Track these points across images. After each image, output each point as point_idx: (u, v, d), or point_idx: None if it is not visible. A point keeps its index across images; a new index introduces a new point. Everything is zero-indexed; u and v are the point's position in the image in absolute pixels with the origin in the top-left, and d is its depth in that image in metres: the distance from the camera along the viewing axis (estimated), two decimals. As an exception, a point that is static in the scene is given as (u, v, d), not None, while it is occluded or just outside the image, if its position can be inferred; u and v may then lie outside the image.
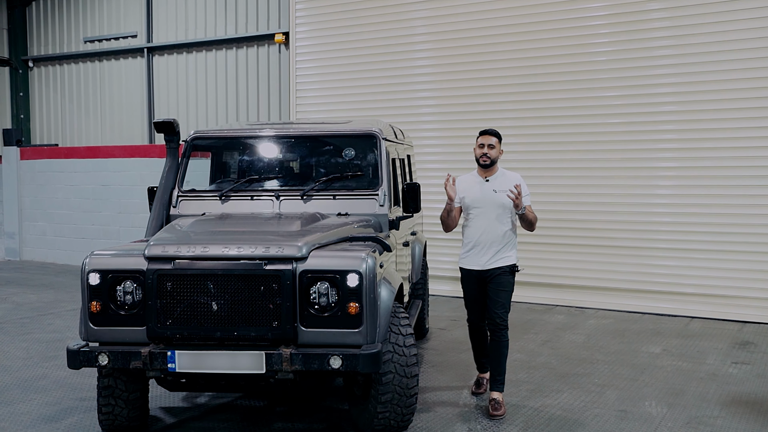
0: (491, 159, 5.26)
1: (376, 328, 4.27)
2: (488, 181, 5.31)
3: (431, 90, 10.22)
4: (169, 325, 4.23)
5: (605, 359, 6.67)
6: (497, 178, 5.31)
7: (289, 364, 4.12)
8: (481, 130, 5.37)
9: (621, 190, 8.93)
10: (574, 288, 9.20)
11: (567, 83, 9.17)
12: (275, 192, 5.46)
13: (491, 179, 5.31)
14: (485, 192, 5.27)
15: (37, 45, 14.11)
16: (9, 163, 13.86)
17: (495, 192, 5.24)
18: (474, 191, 5.32)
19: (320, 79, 10.94)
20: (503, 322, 5.20)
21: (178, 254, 4.28)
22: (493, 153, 5.26)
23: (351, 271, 4.21)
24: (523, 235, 9.34)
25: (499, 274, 5.23)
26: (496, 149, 5.27)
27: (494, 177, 5.32)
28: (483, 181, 5.32)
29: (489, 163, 5.26)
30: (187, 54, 12.40)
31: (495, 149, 5.26)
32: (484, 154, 5.26)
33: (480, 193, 5.28)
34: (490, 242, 5.25)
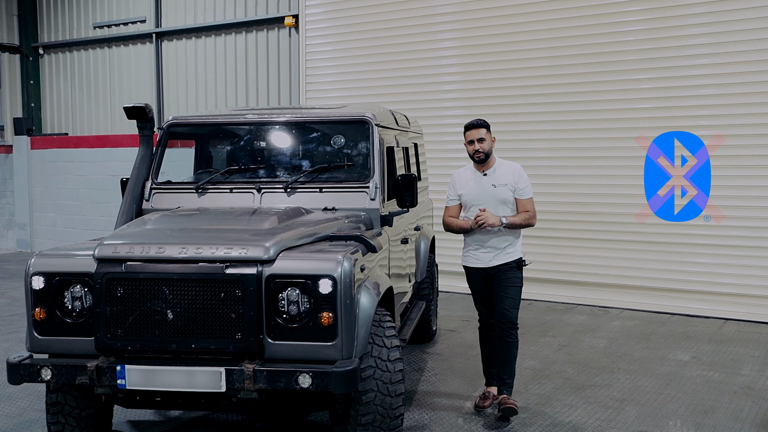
0: (485, 152, 4.88)
1: (353, 341, 3.73)
2: (486, 175, 4.94)
3: (455, 74, 9.51)
4: (119, 336, 3.74)
5: (627, 368, 6.05)
6: (495, 170, 4.95)
7: (251, 383, 3.61)
8: (465, 125, 4.97)
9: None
10: (598, 286, 8.56)
11: (596, 73, 8.47)
12: (256, 184, 4.94)
13: (489, 173, 4.94)
14: (484, 187, 4.91)
15: (48, 31, 13.79)
16: (20, 153, 13.60)
17: (494, 187, 4.89)
18: (472, 187, 4.95)
19: (332, 63, 10.40)
20: (513, 321, 4.86)
21: (130, 255, 3.78)
22: (485, 146, 4.87)
23: (323, 276, 3.67)
24: (544, 229, 8.85)
25: (506, 270, 4.88)
26: (487, 141, 4.88)
27: (492, 170, 4.95)
28: (480, 175, 4.95)
29: (484, 158, 4.89)
30: (196, 39, 11.96)
31: (486, 141, 4.87)
32: (476, 150, 4.89)
33: (478, 189, 4.92)
34: (494, 240, 4.88)
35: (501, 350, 4.90)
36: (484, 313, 5.08)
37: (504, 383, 4.90)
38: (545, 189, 8.72)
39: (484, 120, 4.95)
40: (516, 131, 8.96)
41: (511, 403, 4.78)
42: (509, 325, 4.84)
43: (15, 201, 13.80)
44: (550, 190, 8.74)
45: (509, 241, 4.89)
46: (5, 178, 14.12)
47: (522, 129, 8.97)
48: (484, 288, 4.99)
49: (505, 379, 4.89)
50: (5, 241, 14.20)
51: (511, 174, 4.91)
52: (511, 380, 4.90)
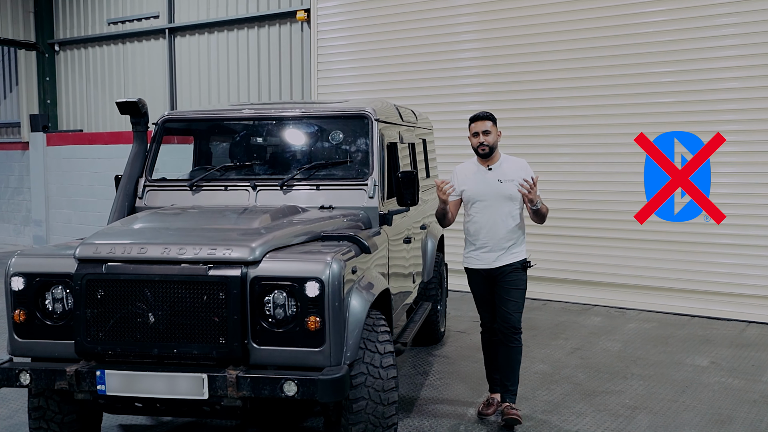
0: (490, 146, 4.63)
1: (342, 347, 3.55)
2: (491, 170, 4.68)
3: (473, 67, 9.19)
4: (100, 340, 3.59)
5: (642, 373, 5.80)
6: (500, 165, 4.70)
7: (235, 390, 3.44)
8: (470, 117, 4.73)
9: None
10: (615, 286, 8.28)
11: (618, 66, 8.17)
12: (252, 181, 4.77)
13: (494, 168, 4.68)
14: (489, 183, 4.65)
15: (63, 28, 13.77)
16: (36, 150, 13.59)
17: (500, 182, 4.62)
18: (476, 182, 4.68)
19: (344, 58, 10.20)
20: (516, 325, 4.63)
21: (111, 256, 3.63)
22: (490, 139, 4.63)
23: (310, 279, 3.49)
24: (561, 227, 8.61)
25: (510, 272, 4.65)
26: (493, 134, 4.64)
27: (497, 165, 4.69)
28: (485, 170, 4.69)
29: (488, 152, 4.64)
30: (208, 34, 11.84)
31: (491, 134, 4.63)
32: (481, 143, 4.63)
33: (483, 185, 4.66)
34: (498, 239, 4.64)
35: (504, 356, 4.68)
36: (486, 316, 4.85)
37: (507, 390, 4.69)
38: (563, 186, 8.49)
39: (490, 113, 4.71)
40: (534, 126, 8.70)
41: (514, 413, 4.57)
42: (512, 329, 4.61)
43: (31, 197, 13.82)
44: (567, 188, 8.49)
45: (514, 240, 4.65)
46: (22, 174, 14.14)
47: (540, 125, 8.70)
48: (487, 290, 4.76)
49: (509, 386, 4.68)
50: (22, 238, 14.23)
51: (518, 169, 4.65)
52: (515, 387, 4.69)
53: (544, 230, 8.56)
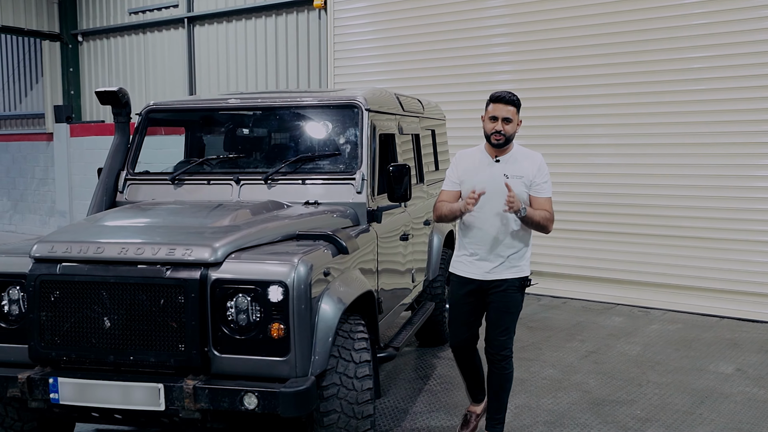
0: (506, 137, 3.87)
1: (310, 356, 3.28)
2: (498, 161, 3.94)
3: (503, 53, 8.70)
4: (55, 345, 3.38)
5: (658, 380, 5.41)
6: (510, 158, 3.96)
7: (192, 401, 3.19)
8: (492, 95, 3.93)
9: (699, 171, 7.47)
10: (640, 285, 7.85)
11: (655, 51, 7.73)
12: (235, 175, 4.52)
13: (503, 159, 3.95)
14: (494, 176, 3.89)
15: (86, 19, 13.71)
16: (60, 141, 13.60)
17: (506, 177, 3.87)
18: (478, 174, 3.92)
19: (362, 46, 9.89)
20: (508, 351, 4.00)
21: (67, 255, 3.41)
22: (509, 129, 3.86)
23: (273, 282, 3.22)
24: (583, 222, 8.20)
25: (504, 289, 3.94)
26: (514, 123, 3.87)
27: (507, 157, 3.96)
28: (491, 161, 3.95)
29: (503, 142, 3.89)
30: (226, 23, 11.64)
31: (512, 123, 3.86)
32: (498, 131, 3.85)
33: (485, 177, 3.89)
34: (497, 245, 3.93)
35: (492, 383, 4.05)
36: (463, 334, 4.07)
37: (493, 419, 4.09)
38: (587, 179, 8.10)
39: (516, 96, 3.92)
40: (560, 116, 8.27)
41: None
42: (501, 355, 3.97)
43: (56, 188, 13.85)
44: (589, 181, 8.09)
45: (517, 248, 3.94)
46: (47, 165, 14.18)
47: (565, 114, 8.26)
48: (472, 306, 4.03)
49: (495, 415, 4.08)
50: (48, 229, 14.27)
51: (529, 165, 3.93)
52: (501, 415, 4.09)
53: (565, 225, 8.21)
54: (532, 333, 6.76)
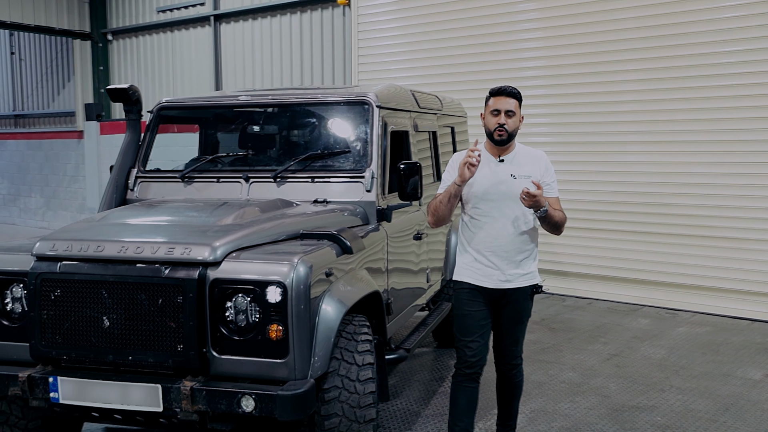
0: (509, 133, 3.59)
1: (309, 359, 3.20)
2: (503, 161, 3.67)
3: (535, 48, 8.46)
4: (55, 344, 3.35)
5: (682, 386, 5.23)
6: (515, 157, 3.69)
7: (189, 403, 3.14)
8: (492, 89, 3.68)
9: (730, 169, 7.24)
10: (667, 286, 7.64)
11: (689, 45, 7.50)
12: (244, 173, 4.47)
13: (507, 159, 3.68)
14: (499, 177, 3.63)
15: (116, 17, 13.84)
16: (90, 138, 13.77)
17: (514, 178, 3.61)
18: (482, 176, 3.62)
19: (386, 42, 9.80)
20: (519, 359, 3.90)
21: (68, 254, 3.38)
22: (512, 123, 3.59)
23: (271, 283, 3.15)
24: (608, 222, 8.00)
25: (517, 300, 3.69)
26: (516, 117, 3.61)
27: (511, 156, 3.69)
28: (495, 161, 3.68)
29: (506, 138, 3.61)
30: (252, 21, 11.64)
31: (515, 117, 3.60)
32: (501, 125, 3.57)
33: (491, 180, 3.63)
34: (507, 251, 3.64)
35: (504, 390, 3.93)
36: (471, 350, 3.66)
37: (506, 426, 3.98)
38: (612, 177, 7.90)
39: (517, 89, 3.67)
40: (591, 113, 8.09)
41: None
42: (514, 365, 3.86)
43: (86, 185, 14.01)
44: (617, 179, 7.89)
45: (527, 252, 3.69)
46: (78, 163, 14.36)
47: (596, 110, 8.08)
48: (485, 314, 3.69)
49: (507, 421, 3.97)
50: (78, 225, 14.45)
51: (536, 164, 3.70)
52: (514, 421, 3.99)
53: (592, 224, 8.04)
54: (554, 334, 6.61)
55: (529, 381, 5.27)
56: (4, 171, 16.12)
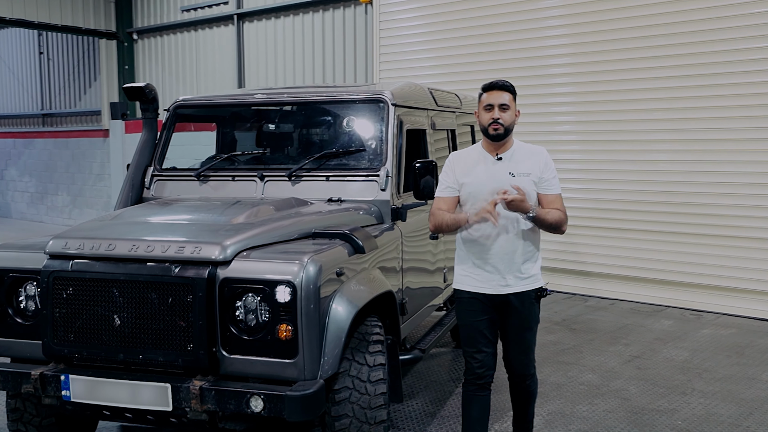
0: (505, 127, 3.44)
1: (319, 359, 3.17)
2: (500, 159, 3.50)
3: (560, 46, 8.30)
4: (68, 342, 3.36)
5: (705, 389, 5.13)
6: (513, 155, 3.52)
7: (198, 403, 3.12)
8: (484, 84, 3.55)
9: (756, 168, 7.07)
10: (692, 287, 7.50)
11: (718, 41, 7.37)
12: (259, 172, 4.45)
13: (505, 157, 3.51)
14: (498, 177, 3.45)
15: (141, 17, 13.96)
16: (115, 137, 13.90)
17: (512, 176, 3.45)
18: (479, 176, 3.48)
19: (408, 40, 9.75)
20: (532, 369, 3.70)
21: (80, 252, 3.38)
22: (507, 117, 3.44)
23: (280, 282, 3.12)
24: (632, 221, 7.87)
25: (522, 304, 3.51)
26: (511, 110, 3.46)
27: (509, 153, 3.52)
28: (492, 159, 3.50)
29: (503, 133, 3.45)
30: (275, 19, 11.66)
31: (509, 111, 3.45)
32: (495, 120, 3.43)
33: (489, 179, 3.46)
34: (509, 253, 3.48)
35: (518, 397, 3.79)
36: (477, 361, 3.54)
37: (522, 429, 3.87)
38: (635, 176, 7.79)
39: (510, 83, 3.54)
40: (613, 111, 7.96)
41: None
42: (526, 375, 3.68)
43: (112, 184, 14.15)
44: (640, 178, 7.76)
45: (528, 254, 3.51)
46: (103, 161, 14.51)
47: (621, 108, 7.95)
48: (488, 323, 3.54)
49: (522, 423, 3.85)
50: (104, 223, 14.60)
51: (535, 160, 3.51)
52: (529, 423, 3.87)
53: (615, 224, 7.92)
54: (575, 335, 6.52)
55: (548, 383, 5.21)
56: (32, 169, 16.35)
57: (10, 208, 17.06)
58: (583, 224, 8.13)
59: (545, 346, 6.15)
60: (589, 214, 8.10)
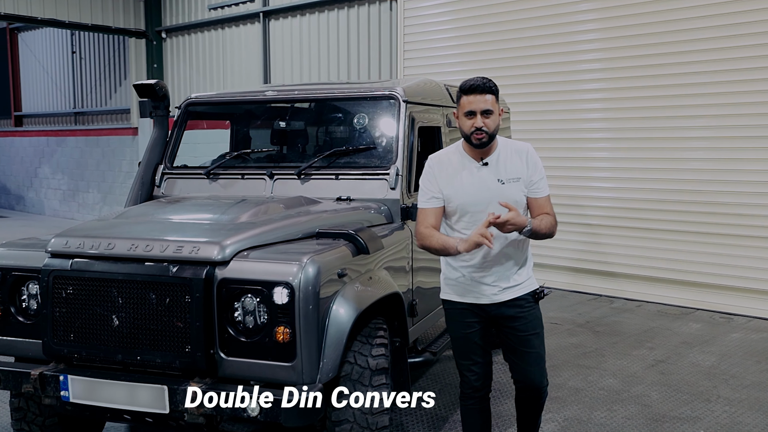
0: (489, 134, 3.13)
1: (318, 362, 3.08)
2: (486, 164, 3.21)
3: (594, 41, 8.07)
4: (67, 342, 3.33)
5: (730, 396, 4.93)
6: (499, 158, 3.22)
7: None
8: (463, 85, 3.17)
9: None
10: (722, 289, 7.26)
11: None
12: (268, 170, 4.39)
13: (491, 161, 3.21)
14: (485, 184, 3.18)
15: (170, 15, 14.03)
16: (144, 135, 14.00)
17: (501, 183, 3.17)
18: (464, 185, 3.20)
19: (432, 37, 9.62)
20: (544, 385, 3.36)
21: (80, 251, 3.35)
22: (491, 123, 3.12)
23: (278, 283, 3.04)
24: (660, 221, 7.65)
25: (520, 310, 3.26)
26: (495, 114, 3.14)
27: (494, 157, 3.21)
28: (477, 165, 3.21)
29: (487, 141, 3.15)
30: (300, 17, 11.62)
31: (493, 115, 3.13)
32: (478, 129, 3.10)
33: (475, 188, 3.18)
34: (499, 261, 3.23)
35: (526, 410, 3.51)
36: (474, 374, 3.36)
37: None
38: (665, 175, 7.56)
39: (491, 81, 3.16)
40: (644, 108, 7.72)
41: None
42: (539, 389, 3.36)
43: (141, 182, 14.25)
44: (669, 176, 7.54)
45: (521, 259, 3.29)
46: (133, 159, 14.62)
47: (651, 105, 7.72)
48: (481, 335, 3.32)
49: (529, 429, 3.59)
50: (133, 220, 14.73)
51: (521, 162, 3.22)
52: (536, 430, 3.61)
53: (642, 223, 7.71)
54: (598, 338, 6.34)
55: (566, 387, 5.07)
56: (65, 167, 16.57)
57: (43, 205, 17.32)
58: (609, 223, 7.94)
59: (566, 348, 6.00)
60: (616, 213, 7.90)
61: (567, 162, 8.27)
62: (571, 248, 8.21)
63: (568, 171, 8.25)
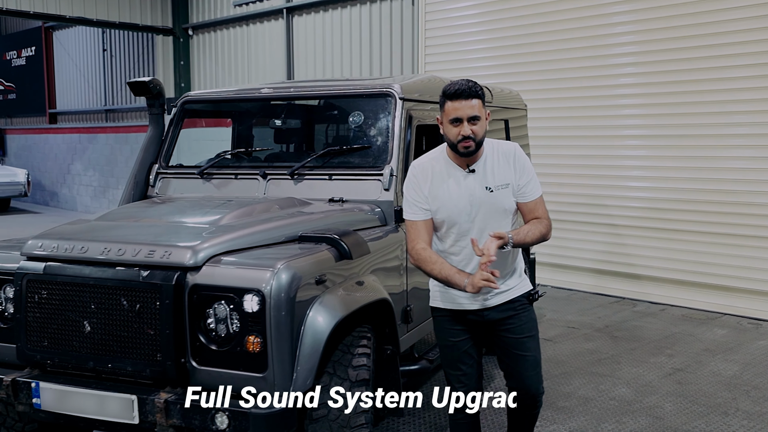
0: (477, 142, 2.98)
1: (291, 373, 2.94)
2: (473, 172, 3.05)
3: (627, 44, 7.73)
4: (41, 347, 3.24)
5: (750, 409, 4.66)
6: (486, 164, 3.06)
7: (164, 417, 2.95)
8: (447, 90, 2.99)
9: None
10: (751, 293, 6.93)
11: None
12: (261, 170, 4.26)
13: (478, 168, 3.05)
14: (473, 192, 3.04)
15: (196, 13, 14.06)
16: (171, 132, 14.03)
17: (490, 191, 3.03)
18: (451, 195, 3.05)
19: (452, 32, 9.39)
20: (540, 391, 3.20)
21: (53, 254, 3.26)
22: (478, 130, 2.96)
23: (249, 290, 2.90)
24: (685, 222, 7.33)
25: (514, 313, 3.14)
26: (482, 120, 2.98)
27: (481, 163, 3.06)
28: (463, 173, 3.06)
29: (474, 149, 2.99)
30: (323, 12, 11.51)
31: (480, 121, 2.97)
32: (465, 137, 2.94)
33: (463, 198, 3.05)
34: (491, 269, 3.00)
35: (523, 424, 3.34)
36: (463, 385, 3.23)
37: None
38: (691, 174, 7.24)
39: (478, 85, 3.00)
40: (672, 104, 7.39)
41: None
42: (535, 397, 3.20)
43: (167, 178, 14.31)
44: (697, 176, 7.21)
45: (511, 265, 3.17)
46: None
47: (677, 101, 7.40)
48: (471, 342, 3.21)
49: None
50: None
51: (509, 166, 3.06)
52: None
53: (668, 224, 7.41)
54: (615, 344, 6.09)
55: (575, 396, 4.85)
56: (96, 164, 16.73)
57: (75, 202, 17.52)
58: (634, 224, 7.65)
59: (580, 354, 5.77)
60: (643, 214, 7.61)
61: (592, 160, 8.00)
62: (594, 249, 7.94)
63: (594, 170, 7.98)
